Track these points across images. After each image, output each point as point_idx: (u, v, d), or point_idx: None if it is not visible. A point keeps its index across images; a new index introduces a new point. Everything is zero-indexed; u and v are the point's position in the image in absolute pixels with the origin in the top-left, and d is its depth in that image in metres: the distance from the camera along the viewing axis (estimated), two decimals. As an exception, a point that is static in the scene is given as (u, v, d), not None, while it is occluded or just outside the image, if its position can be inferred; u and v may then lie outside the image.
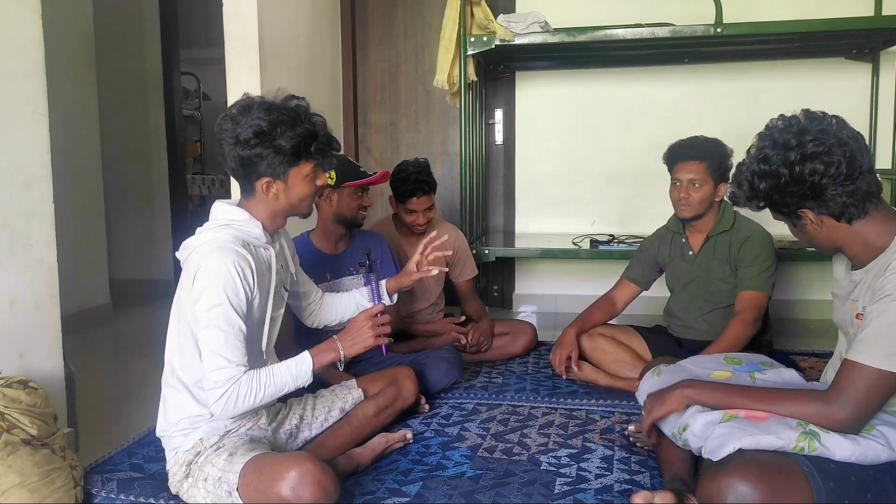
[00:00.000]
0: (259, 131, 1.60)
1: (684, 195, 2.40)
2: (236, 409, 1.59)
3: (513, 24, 3.32)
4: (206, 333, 1.58)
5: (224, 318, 1.57)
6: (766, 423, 1.46)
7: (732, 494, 1.36)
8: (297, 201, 1.71)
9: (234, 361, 1.57)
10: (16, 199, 1.86)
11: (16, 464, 1.57)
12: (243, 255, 1.62)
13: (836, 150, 1.39)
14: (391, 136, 4.22)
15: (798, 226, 1.51)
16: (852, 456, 1.39)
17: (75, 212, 3.69)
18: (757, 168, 1.46)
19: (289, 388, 1.67)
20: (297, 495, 1.48)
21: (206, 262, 1.60)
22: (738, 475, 1.38)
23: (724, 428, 1.47)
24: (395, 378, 2.15)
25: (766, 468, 1.39)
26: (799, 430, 1.42)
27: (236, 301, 1.59)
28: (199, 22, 5.39)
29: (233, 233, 1.66)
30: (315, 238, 2.47)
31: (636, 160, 3.83)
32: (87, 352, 3.35)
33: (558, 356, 2.59)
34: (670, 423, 1.63)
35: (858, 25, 3.17)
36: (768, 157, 1.44)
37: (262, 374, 1.62)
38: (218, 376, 1.56)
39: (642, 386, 1.85)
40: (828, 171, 1.39)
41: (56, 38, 2.73)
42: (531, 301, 4.13)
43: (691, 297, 2.54)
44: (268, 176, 1.65)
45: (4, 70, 1.83)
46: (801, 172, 1.40)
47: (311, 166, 1.69)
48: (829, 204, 1.42)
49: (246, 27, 2.68)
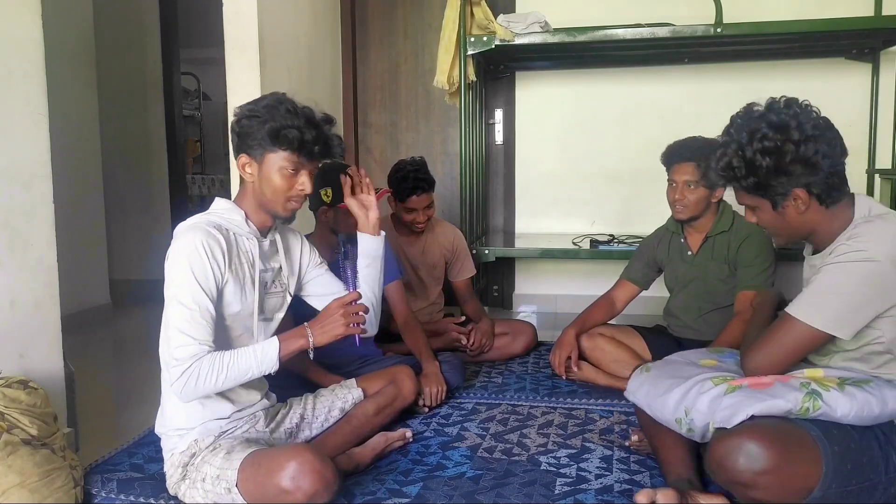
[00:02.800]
0: (252, 112, 1.65)
1: (679, 196, 2.40)
2: (197, 390, 1.55)
3: (513, 24, 3.32)
4: (171, 310, 1.57)
5: (191, 295, 1.56)
6: (772, 387, 1.50)
7: (744, 455, 1.39)
8: (269, 192, 1.67)
9: (198, 339, 1.54)
10: (16, 199, 1.86)
11: (16, 464, 1.57)
12: (213, 235, 1.62)
13: (829, 133, 1.49)
14: (391, 136, 4.22)
15: (779, 208, 1.55)
16: (851, 411, 1.45)
17: (75, 212, 3.69)
18: (760, 146, 1.48)
19: (253, 374, 1.60)
20: (297, 485, 1.47)
21: (176, 241, 1.62)
22: (748, 436, 1.41)
23: (732, 398, 1.50)
24: (394, 377, 2.15)
25: (777, 431, 1.43)
26: (803, 391, 1.47)
27: (203, 280, 1.57)
28: (199, 22, 5.39)
29: (210, 218, 1.68)
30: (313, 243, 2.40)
31: (636, 160, 3.83)
32: (87, 352, 3.36)
33: (558, 357, 2.60)
34: (672, 409, 1.62)
35: (858, 25, 3.17)
36: (769, 136, 1.48)
37: (225, 355, 1.57)
38: (180, 353, 1.53)
39: (631, 383, 1.84)
40: (827, 152, 1.46)
41: (56, 38, 2.73)
42: (531, 301, 4.13)
43: (690, 297, 2.54)
44: (244, 152, 1.67)
45: (4, 70, 1.83)
46: (805, 151, 1.46)
47: (286, 158, 1.64)
48: (820, 183, 1.49)
49: (246, 27, 2.68)
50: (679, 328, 2.59)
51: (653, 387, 1.71)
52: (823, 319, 1.48)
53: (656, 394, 1.68)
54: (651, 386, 1.72)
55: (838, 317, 1.48)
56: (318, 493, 1.48)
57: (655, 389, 1.69)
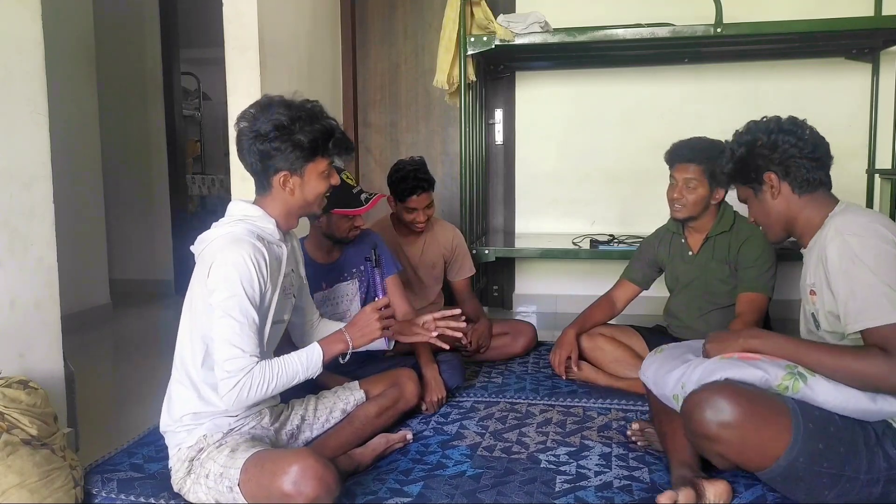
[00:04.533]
0: (279, 125, 1.65)
1: (678, 196, 2.41)
2: (248, 400, 1.60)
3: (513, 24, 3.32)
4: (220, 323, 1.59)
5: (239, 308, 1.59)
6: (757, 360, 1.54)
7: (710, 407, 1.45)
8: (311, 197, 1.74)
9: (247, 352, 1.58)
10: (16, 199, 1.86)
11: (16, 464, 1.57)
12: (259, 248, 1.64)
13: (807, 132, 1.65)
14: (391, 136, 4.22)
15: (759, 194, 1.69)
16: (835, 401, 1.46)
17: (75, 212, 3.70)
18: (739, 138, 1.71)
19: (299, 379, 1.68)
20: (298, 490, 1.48)
21: (223, 254, 1.61)
22: (718, 391, 1.46)
23: (715, 364, 1.56)
24: (397, 380, 2.16)
25: (749, 392, 1.47)
26: (786, 371, 1.50)
27: (251, 292, 1.61)
28: (199, 22, 5.39)
29: (248, 227, 1.69)
30: (308, 247, 2.39)
31: (636, 160, 3.83)
32: (87, 352, 3.35)
33: (558, 356, 2.60)
34: (671, 386, 1.67)
35: (858, 25, 3.17)
36: (750, 129, 1.70)
37: (274, 364, 1.63)
38: (231, 366, 1.57)
39: (644, 363, 1.89)
40: (797, 144, 1.62)
41: (56, 38, 2.73)
42: (531, 301, 4.13)
43: (691, 297, 2.54)
44: (285, 170, 1.69)
45: (4, 70, 1.83)
46: (775, 140, 1.64)
47: (326, 163, 1.74)
48: (791, 170, 1.63)
49: (246, 27, 2.68)
50: (679, 328, 2.59)
51: (660, 366, 1.77)
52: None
53: (662, 372, 1.74)
54: (659, 365, 1.78)
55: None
56: (319, 498, 1.49)
57: (662, 368, 1.75)
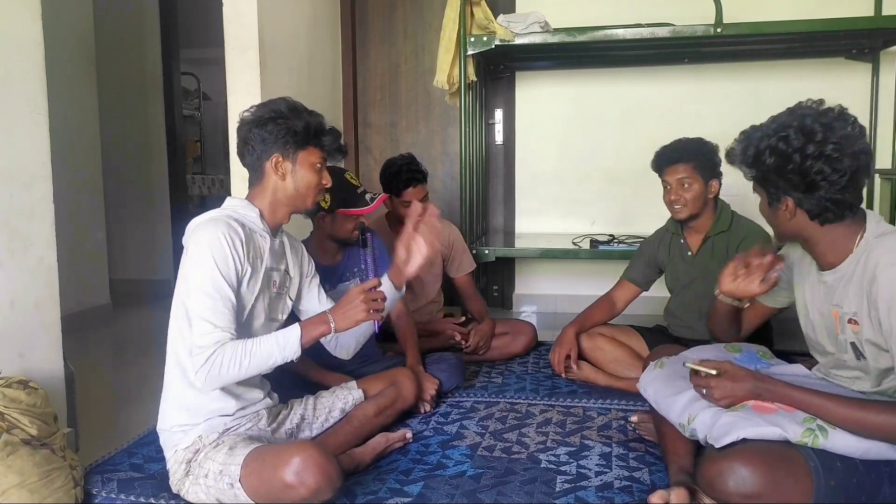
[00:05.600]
0: (276, 110, 1.72)
1: (675, 197, 2.41)
2: (220, 378, 1.56)
3: (513, 24, 3.33)
4: (193, 299, 1.58)
5: (212, 283, 1.58)
6: (773, 414, 1.46)
7: (733, 478, 1.38)
8: (303, 188, 1.75)
9: (220, 326, 1.57)
10: (16, 199, 1.86)
11: (16, 464, 1.57)
12: (233, 227, 1.65)
13: (847, 161, 1.41)
14: (391, 136, 4.22)
15: (773, 206, 1.54)
16: (857, 451, 1.40)
17: (75, 212, 3.70)
18: (773, 143, 1.46)
19: (275, 361, 1.62)
20: (301, 480, 1.47)
21: (197, 233, 1.63)
22: (740, 459, 1.39)
23: (730, 417, 1.47)
24: (395, 379, 2.16)
25: (769, 456, 1.39)
26: (805, 426, 1.42)
27: (225, 269, 1.60)
28: (199, 22, 5.39)
29: (226, 213, 1.71)
30: (312, 250, 2.31)
31: (636, 160, 3.79)
32: (87, 352, 3.35)
33: (557, 355, 2.60)
34: (677, 413, 1.62)
35: (858, 25, 3.17)
36: (789, 138, 1.44)
37: (248, 342, 1.59)
38: (203, 340, 1.55)
39: (644, 377, 1.85)
40: (830, 177, 1.41)
41: (56, 38, 2.73)
42: (531, 301, 4.13)
43: (691, 297, 2.54)
44: (277, 153, 1.71)
45: (4, 70, 1.83)
46: (809, 167, 1.42)
47: (319, 155, 1.76)
48: (812, 202, 1.45)
49: (246, 27, 2.68)
50: (679, 328, 2.59)
51: (663, 386, 1.71)
52: None
53: (665, 394, 1.69)
54: (662, 385, 1.72)
55: None
56: (321, 489, 1.49)
57: (665, 389, 1.70)
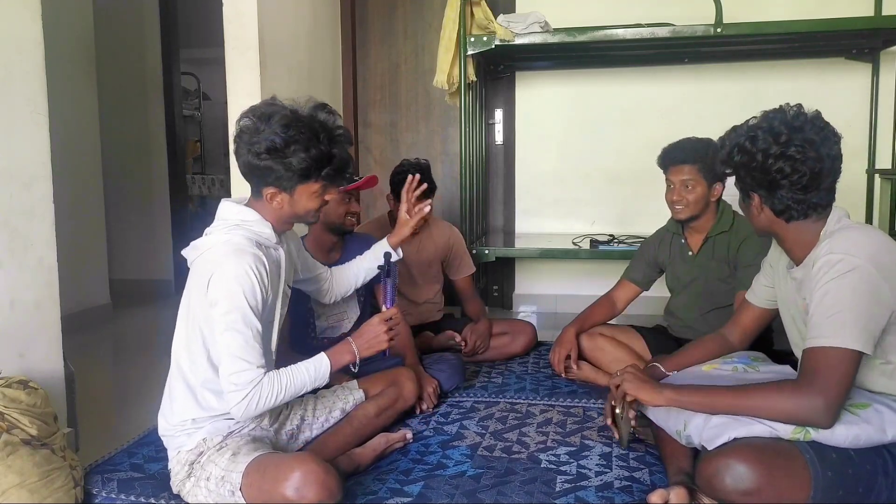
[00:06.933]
0: (271, 147, 1.59)
1: (678, 197, 2.41)
2: (257, 411, 1.61)
3: (513, 24, 3.33)
4: (225, 337, 1.57)
5: (243, 320, 1.57)
6: None
7: (730, 475, 1.41)
8: (302, 213, 1.73)
9: (253, 364, 1.58)
10: (16, 199, 1.86)
11: (16, 464, 1.57)
12: (259, 258, 1.62)
13: (810, 163, 1.48)
14: (391, 136, 4.22)
15: (745, 202, 1.64)
16: (847, 440, 1.43)
17: (75, 212, 3.69)
18: (742, 142, 1.55)
19: (307, 389, 1.69)
20: (301, 496, 1.48)
21: (224, 266, 1.59)
22: (735, 456, 1.42)
23: (721, 419, 1.52)
24: (395, 379, 2.16)
25: (765, 451, 1.42)
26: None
27: (254, 303, 1.59)
28: (199, 22, 5.39)
29: (245, 234, 1.66)
30: (309, 247, 2.36)
31: (636, 160, 3.82)
32: (87, 352, 3.35)
33: (557, 355, 2.60)
34: (673, 421, 1.66)
35: (858, 25, 3.18)
36: (756, 137, 1.52)
37: (282, 375, 1.63)
38: (238, 379, 1.57)
39: None
40: (790, 176, 1.49)
41: (56, 38, 2.73)
42: (531, 301, 4.13)
43: (691, 297, 2.54)
44: (274, 187, 1.66)
45: (4, 70, 1.83)
46: (769, 165, 1.50)
47: (319, 185, 1.69)
48: (775, 200, 1.54)
49: (246, 27, 2.68)
50: (679, 328, 2.59)
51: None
52: (854, 340, 1.40)
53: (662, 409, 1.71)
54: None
55: (859, 333, 1.41)
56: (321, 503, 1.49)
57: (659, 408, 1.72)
